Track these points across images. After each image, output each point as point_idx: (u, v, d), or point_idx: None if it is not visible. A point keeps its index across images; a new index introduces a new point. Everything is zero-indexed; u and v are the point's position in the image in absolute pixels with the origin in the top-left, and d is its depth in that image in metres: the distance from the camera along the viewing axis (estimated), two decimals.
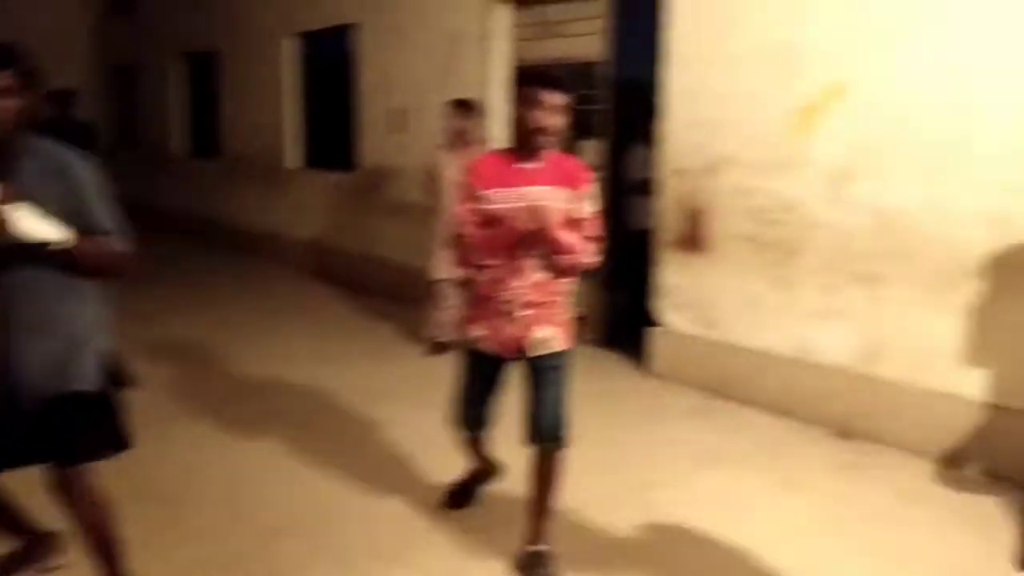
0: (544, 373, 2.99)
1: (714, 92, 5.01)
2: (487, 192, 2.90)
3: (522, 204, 2.82)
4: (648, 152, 5.87)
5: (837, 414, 4.54)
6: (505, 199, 2.87)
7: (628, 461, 4.15)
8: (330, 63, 8.88)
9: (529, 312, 2.94)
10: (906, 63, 4.18)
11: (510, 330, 2.96)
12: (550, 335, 2.97)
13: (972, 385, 4.06)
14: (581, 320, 6.19)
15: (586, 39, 5.95)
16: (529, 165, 2.91)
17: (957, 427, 4.09)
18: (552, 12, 6.23)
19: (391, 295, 7.50)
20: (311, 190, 9.21)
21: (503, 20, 6.56)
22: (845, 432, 4.48)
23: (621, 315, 6.44)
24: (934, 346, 4.18)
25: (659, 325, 5.51)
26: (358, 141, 8.27)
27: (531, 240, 2.83)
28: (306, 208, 9.26)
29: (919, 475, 4.02)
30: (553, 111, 2.82)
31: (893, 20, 4.22)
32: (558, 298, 3.00)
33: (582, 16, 5.98)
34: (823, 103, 4.51)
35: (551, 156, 2.93)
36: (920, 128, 4.14)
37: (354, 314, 7.27)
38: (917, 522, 3.53)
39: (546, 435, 2.99)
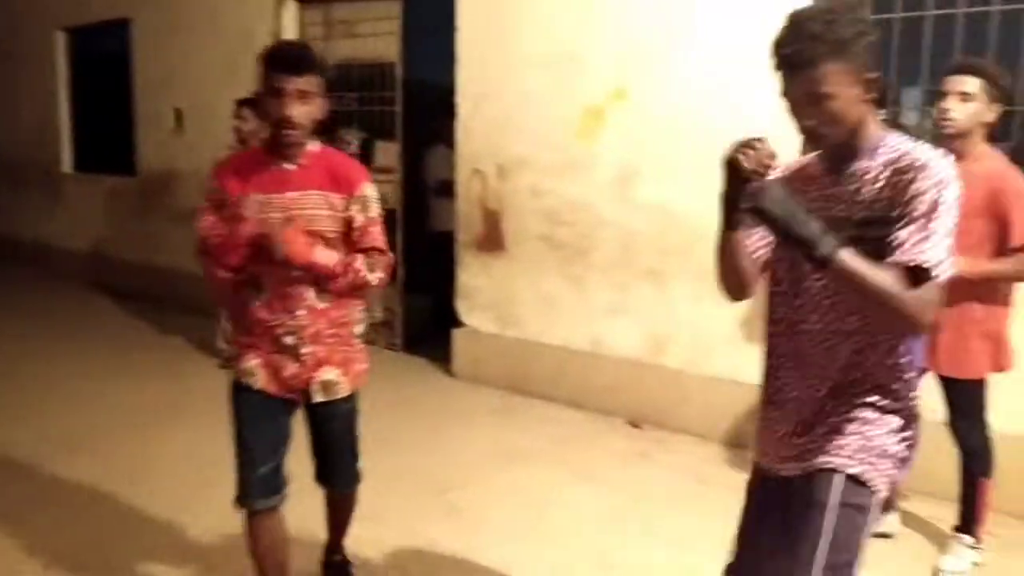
0: (331, 422, 2.60)
1: (504, 95, 5.09)
2: (234, 198, 2.38)
3: (275, 215, 2.34)
4: (450, 153, 5.88)
5: (629, 405, 4.74)
6: (256, 207, 2.35)
7: (430, 464, 4.12)
8: (107, 60, 8.25)
9: (317, 348, 2.47)
10: (680, 71, 4.42)
11: (293, 370, 2.47)
12: (335, 379, 2.51)
13: (748, 370, 4.35)
14: (384, 325, 6.15)
15: (381, 39, 5.87)
16: (287, 166, 2.39)
17: (738, 411, 4.37)
18: (344, 11, 6.10)
19: (182, 306, 7.05)
20: (88, 196, 8.53)
21: (291, 19, 6.37)
22: (637, 421, 4.68)
23: (426, 318, 6.41)
24: (714, 335, 4.45)
25: (462, 326, 5.53)
26: (139, 143, 7.75)
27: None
28: (83, 215, 8.56)
29: (706, 459, 4.25)
30: (294, 98, 2.27)
31: (668, 30, 4.45)
32: (346, 330, 2.54)
33: (375, 16, 5.90)
34: (606, 108, 4.69)
35: (317, 154, 2.42)
36: (694, 131, 4.38)
37: (139, 328, 6.77)
38: (704, 504, 3.72)
39: (340, 482, 2.75)
